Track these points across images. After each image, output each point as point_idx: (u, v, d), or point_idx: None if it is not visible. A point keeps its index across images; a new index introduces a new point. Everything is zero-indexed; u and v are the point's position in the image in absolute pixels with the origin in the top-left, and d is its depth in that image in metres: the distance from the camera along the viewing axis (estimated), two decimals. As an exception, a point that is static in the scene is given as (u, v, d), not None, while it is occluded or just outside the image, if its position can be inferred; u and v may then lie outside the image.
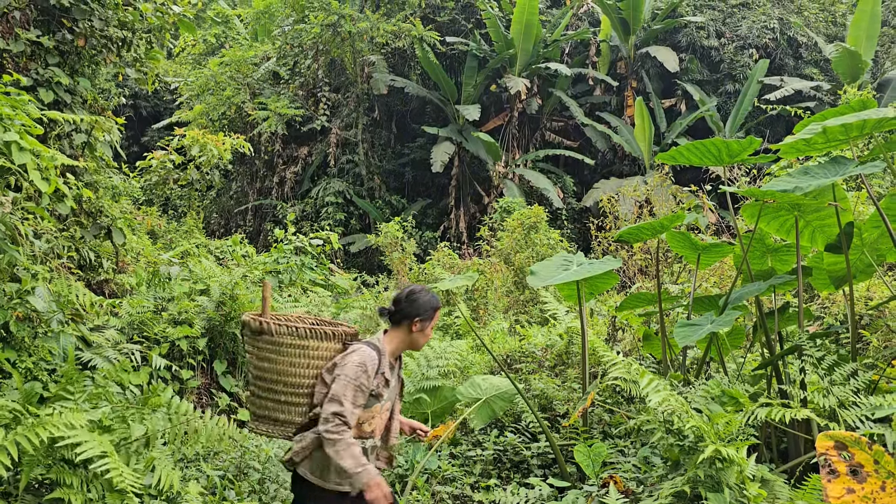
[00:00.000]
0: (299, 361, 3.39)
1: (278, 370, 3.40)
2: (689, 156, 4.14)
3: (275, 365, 3.40)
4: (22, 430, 3.18)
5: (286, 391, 3.40)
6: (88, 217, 6.33)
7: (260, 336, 3.38)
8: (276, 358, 3.39)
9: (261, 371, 3.44)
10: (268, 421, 3.45)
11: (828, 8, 21.45)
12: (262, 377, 3.43)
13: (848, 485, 2.62)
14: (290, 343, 3.38)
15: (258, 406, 3.47)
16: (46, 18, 6.20)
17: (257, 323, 3.37)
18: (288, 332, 3.37)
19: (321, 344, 3.42)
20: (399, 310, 3.45)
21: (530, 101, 19.60)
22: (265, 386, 3.44)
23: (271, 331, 3.36)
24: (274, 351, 3.39)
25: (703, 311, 4.75)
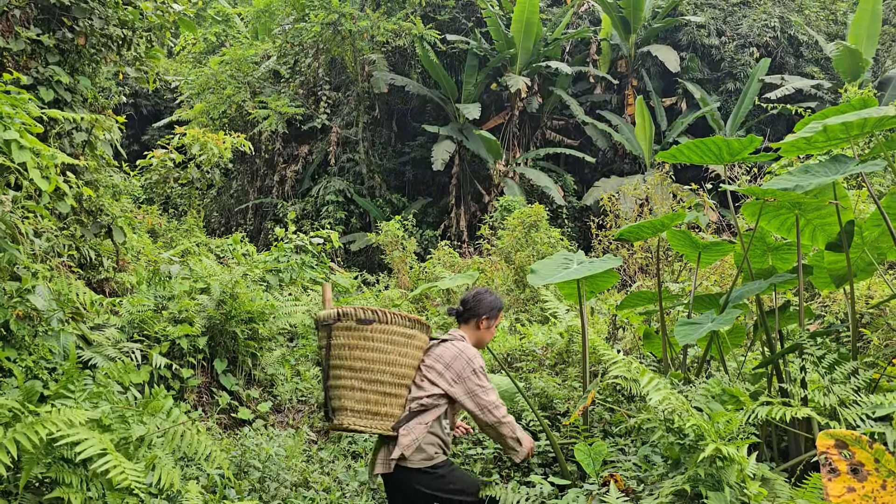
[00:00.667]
0: (406, 351, 3.50)
1: (389, 360, 3.46)
2: (689, 154, 4.13)
3: (385, 355, 3.45)
4: (21, 428, 3.18)
5: (393, 382, 3.47)
6: (89, 216, 6.33)
7: (369, 325, 3.41)
8: (387, 347, 3.45)
9: (367, 362, 3.44)
10: (368, 415, 3.47)
11: (828, 6, 21.43)
12: (369, 368, 3.45)
13: (848, 483, 2.61)
14: (401, 332, 3.48)
15: (358, 400, 3.46)
16: (47, 17, 6.20)
17: (368, 311, 3.43)
18: (400, 322, 3.46)
19: (421, 335, 3.59)
20: (467, 309, 3.82)
21: (531, 100, 19.59)
22: (370, 378, 3.45)
23: (386, 319, 3.43)
24: (386, 340, 3.45)
25: (704, 309, 4.75)
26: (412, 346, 3.53)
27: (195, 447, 3.72)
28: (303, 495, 4.98)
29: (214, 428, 5.75)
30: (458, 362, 3.56)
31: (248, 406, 6.41)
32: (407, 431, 3.43)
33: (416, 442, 3.42)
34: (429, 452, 3.48)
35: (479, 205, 19.54)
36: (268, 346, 7.04)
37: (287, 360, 7.28)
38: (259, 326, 6.66)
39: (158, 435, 3.77)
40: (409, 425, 3.45)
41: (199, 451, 3.70)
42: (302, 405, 6.83)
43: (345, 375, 3.51)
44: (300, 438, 5.77)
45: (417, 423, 3.45)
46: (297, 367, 7.32)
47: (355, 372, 3.47)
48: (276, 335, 7.26)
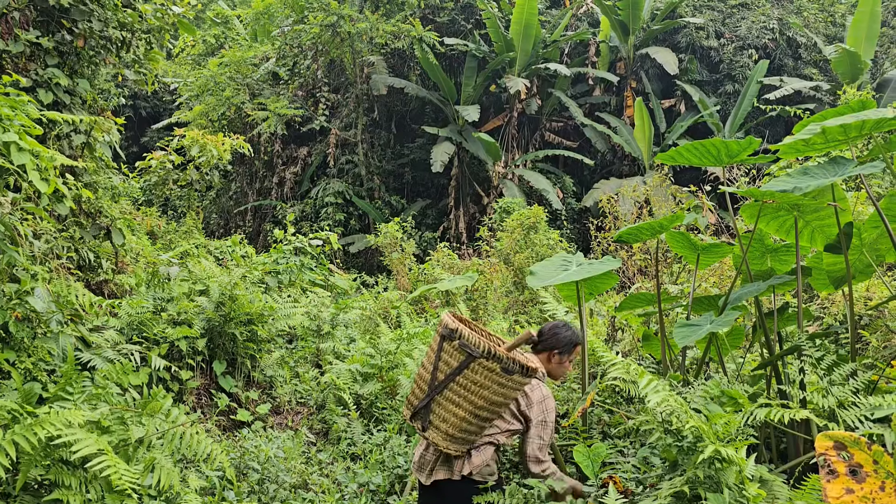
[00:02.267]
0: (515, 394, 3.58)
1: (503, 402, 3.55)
2: (688, 156, 4.13)
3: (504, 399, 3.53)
4: (20, 430, 3.18)
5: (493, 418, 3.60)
6: (88, 217, 6.32)
7: (511, 375, 3.48)
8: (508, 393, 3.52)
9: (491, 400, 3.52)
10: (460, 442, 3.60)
11: (827, 8, 21.45)
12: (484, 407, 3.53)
13: (847, 485, 2.61)
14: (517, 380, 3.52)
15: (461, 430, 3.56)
16: (46, 19, 6.20)
17: (517, 365, 3.46)
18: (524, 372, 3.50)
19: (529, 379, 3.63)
20: (542, 341, 3.92)
21: (530, 102, 19.61)
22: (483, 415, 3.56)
23: (528, 373, 3.50)
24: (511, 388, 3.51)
25: (703, 311, 4.75)
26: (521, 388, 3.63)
27: (194, 448, 3.72)
28: (302, 497, 4.98)
29: (213, 430, 5.75)
30: (538, 408, 3.71)
31: (247, 408, 6.41)
32: (478, 452, 3.64)
33: (485, 462, 3.65)
34: (493, 468, 3.72)
35: (478, 206, 19.55)
36: (267, 347, 7.04)
37: (286, 362, 7.28)
38: (258, 328, 6.65)
39: (157, 436, 3.77)
40: (482, 448, 3.66)
41: (198, 453, 3.71)
42: (301, 407, 6.83)
43: (463, 405, 3.54)
44: (299, 440, 5.77)
45: (488, 448, 3.67)
46: (296, 369, 7.32)
47: (474, 407, 3.52)
48: (275, 337, 7.26)
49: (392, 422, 6.21)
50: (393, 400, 6.65)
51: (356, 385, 6.75)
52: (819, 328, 5.66)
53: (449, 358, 3.49)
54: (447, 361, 3.50)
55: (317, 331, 7.96)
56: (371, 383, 6.72)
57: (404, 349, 7.07)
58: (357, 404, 6.69)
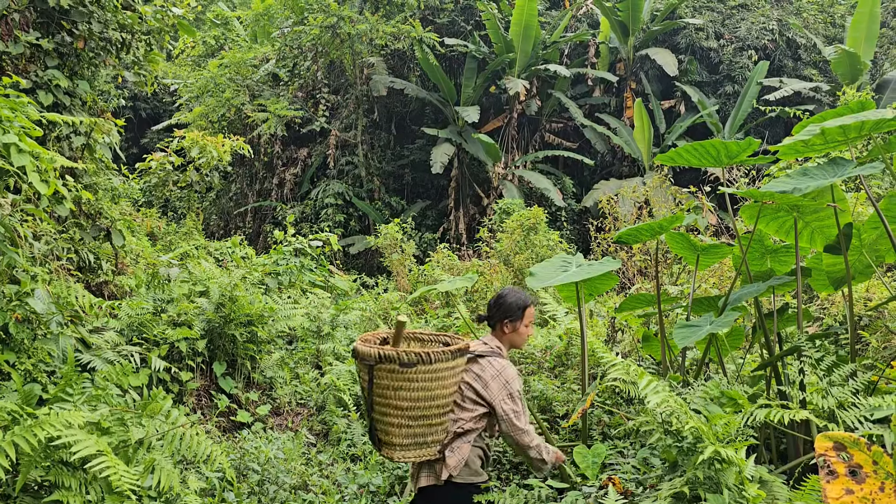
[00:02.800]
0: (450, 381, 3.51)
1: (433, 395, 3.46)
2: (687, 157, 4.13)
3: (430, 392, 3.45)
4: (20, 431, 3.18)
5: (437, 413, 3.51)
6: (88, 219, 6.33)
7: (413, 367, 3.40)
8: (431, 385, 3.45)
9: (413, 400, 3.45)
10: (416, 447, 3.53)
11: (826, 9, 21.46)
12: (415, 406, 3.47)
13: (846, 485, 2.62)
14: (443, 367, 3.46)
15: (405, 435, 3.51)
16: (46, 21, 6.21)
17: (411, 355, 3.40)
18: (442, 359, 3.44)
19: (461, 361, 3.57)
20: (491, 315, 3.77)
21: (529, 103, 19.61)
22: (418, 414, 3.48)
23: (428, 359, 3.41)
24: (430, 378, 3.44)
25: (703, 312, 4.75)
26: (455, 373, 3.54)
27: (194, 449, 3.72)
28: (302, 498, 4.98)
29: (213, 431, 5.75)
30: (496, 383, 3.57)
31: (247, 409, 6.41)
32: (452, 452, 3.51)
33: (463, 461, 3.51)
34: (474, 467, 3.59)
35: (477, 207, 19.55)
36: (267, 348, 7.04)
37: (286, 363, 7.28)
38: (258, 329, 6.65)
39: (157, 438, 3.77)
40: (454, 445, 3.52)
41: (198, 454, 3.71)
42: (301, 408, 6.83)
43: (391, 413, 3.52)
44: (299, 441, 5.77)
45: (462, 443, 3.53)
46: (296, 370, 7.32)
47: (401, 410, 3.48)
48: (275, 338, 7.26)
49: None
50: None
51: (356, 386, 6.75)
52: (819, 329, 5.66)
53: (362, 376, 3.54)
54: (363, 380, 3.54)
55: (317, 332, 7.96)
56: (371, 384, 6.71)
57: (404, 350, 7.06)
58: (357, 405, 6.69)
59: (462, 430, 3.54)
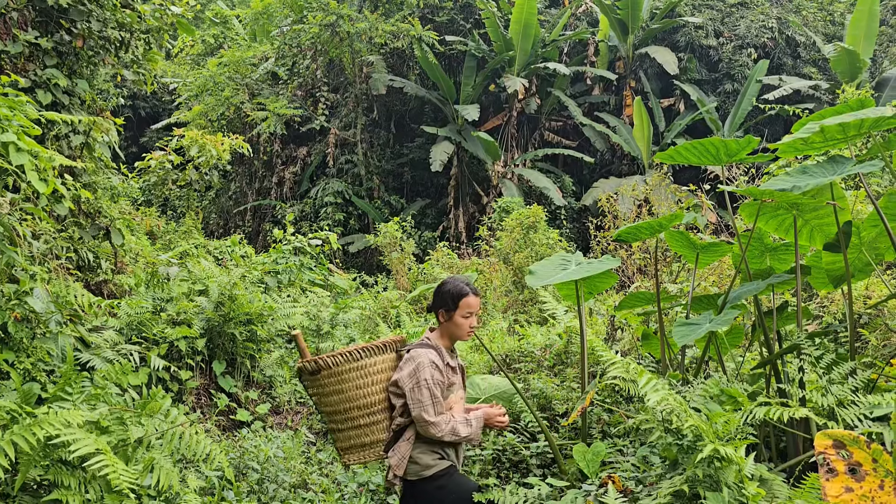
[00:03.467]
0: (363, 382, 3.53)
1: (348, 397, 3.52)
2: (687, 155, 4.13)
3: (343, 394, 3.52)
4: (19, 430, 3.18)
5: (362, 414, 3.54)
6: (87, 218, 6.32)
7: (319, 374, 3.52)
8: (342, 387, 3.52)
9: (333, 405, 3.56)
10: (356, 449, 3.60)
11: (826, 7, 21.45)
12: (337, 410, 3.56)
13: (846, 483, 2.62)
14: (348, 368, 3.51)
15: (342, 440, 3.61)
16: (44, 19, 6.20)
17: (312, 363, 3.50)
18: (343, 360, 3.50)
19: (377, 359, 3.57)
20: (432, 304, 3.67)
21: (529, 101, 19.60)
22: (342, 418, 3.56)
23: (328, 364, 3.50)
24: (338, 382, 3.51)
25: (702, 310, 4.75)
26: (370, 373, 3.54)
27: (194, 448, 3.72)
28: (301, 497, 4.98)
29: (213, 430, 5.75)
30: (406, 368, 3.47)
31: (247, 408, 6.41)
32: (393, 452, 3.48)
33: (404, 460, 3.44)
34: (423, 462, 3.46)
35: (477, 206, 19.55)
36: (266, 347, 7.03)
37: (285, 362, 7.28)
38: (257, 328, 6.65)
39: (157, 437, 3.77)
40: (396, 445, 3.49)
41: (197, 453, 3.71)
42: (301, 407, 6.83)
43: (325, 420, 3.70)
44: (299, 440, 5.76)
45: (402, 442, 3.48)
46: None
47: (330, 416, 3.62)
48: (274, 337, 7.26)
49: (392, 421, 6.21)
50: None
51: (356, 385, 6.74)
52: (818, 327, 5.66)
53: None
54: None
55: (316, 330, 7.96)
56: (371, 383, 6.71)
57: (404, 349, 7.06)
58: (357, 404, 6.68)
59: (398, 427, 3.50)
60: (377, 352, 3.56)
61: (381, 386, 3.55)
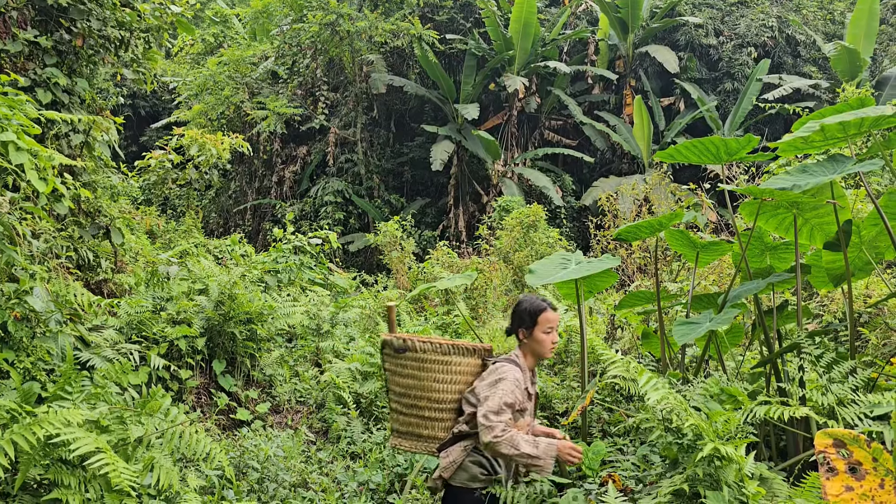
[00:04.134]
0: (443, 377, 3.53)
1: (423, 386, 3.53)
2: (687, 154, 4.13)
3: (419, 381, 3.53)
4: (19, 429, 3.18)
5: (430, 407, 3.54)
6: (87, 217, 6.32)
7: (404, 353, 3.53)
8: (420, 374, 3.53)
9: (405, 388, 3.57)
10: (411, 437, 3.61)
11: (826, 6, 21.44)
12: (407, 394, 3.58)
13: (846, 482, 2.62)
14: (433, 359, 3.51)
15: (401, 423, 3.63)
16: (44, 18, 6.19)
17: (401, 340, 3.53)
18: (432, 349, 3.50)
19: (463, 360, 3.56)
20: (510, 326, 3.63)
21: (529, 100, 19.59)
22: (409, 403, 3.58)
23: (416, 347, 3.51)
24: (418, 367, 3.52)
25: (702, 309, 4.75)
26: (452, 371, 3.53)
27: (194, 447, 3.72)
28: (301, 496, 4.98)
29: (213, 429, 5.75)
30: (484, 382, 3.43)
31: (247, 407, 6.41)
32: (447, 454, 3.46)
33: (454, 464, 3.43)
34: (471, 473, 3.43)
35: (477, 205, 19.54)
36: (266, 346, 7.03)
37: (285, 361, 7.28)
38: (257, 327, 6.65)
39: (157, 436, 3.77)
40: (450, 448, 3.48)
41: (197, 452, 3.71)
42: (301, 406, 6.83)
43: (392, 399, 3.70)
44: (299, 439, 5.77)
45: (457, 447, 3.47)
46: (296, 368, 7.32)
47: (397, 396, 3.63)
48: (274, 336, 7.26)
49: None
50: (392, 399, 6.65)
51: (356, 384, 6.75)
52: (818, 326, 5.66)
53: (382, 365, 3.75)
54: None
55: (316, 330, 7.96)
56: (371, 382, 6.72)
57: (404, 348, 7.06)
58: (357, 403, 6.69)
59: (458, 433, 3.49)
60: (465, 353, 3.55)
61: (457, 387, 3.53)
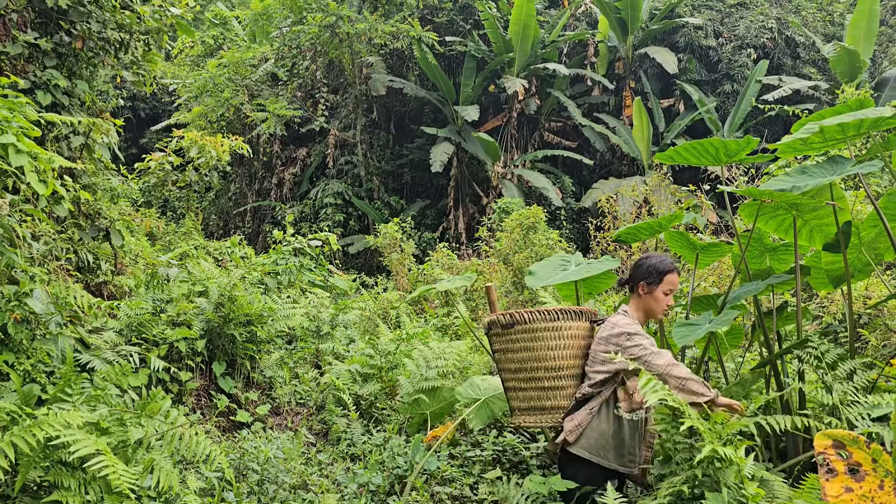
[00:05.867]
0: (556, 343, 3.53)
1: (537, 356, 3.53)
2: (686, 155, 4.13)
3: (533, 353, 3.54)
4: (19, 431, 3.18)
5: (548, 376, 3.53)
6: (87, 219, 6.32)
7: (512, 328, 3.55)
8: (533, 345, 3.54)
9: (519, 363, 3.59)
10: (535, 412, 3.60)
11: (825, 7, 21.46)
12: (522, 368, 3.58)
13: (846, 483, 2.62)
14: (543, 328, 3.52)
15: (522, 399, 3.63)
16: (44, 21, 6.20)
17: (507, 316, 3.56)
18: (540, 318, 3.52)
19: (572, 323, 3.56)
20: (630, 277, 3.63)
21: (529, 102, 19.60)
22: (527, 377, 3.58)
23: (524, 319, 3.53)
24: (530, 339, 3.54)
25: (702, 310, 4.75)
26: (564, 336, 3.52)
27: (193, 449, 3.72)
28: (301, 497, 4.98)
29: (213, 431, 5.74)
30: (612, 332, 3.41)
31: (247, 409, 6.41)
32: (571, 418, 3.43)
33: (580, 427, 3.37)
34: (592, 440, 3.35)
35: (477, 207, 19.54)
36: (266, 348, 7.03)
37: (286, 363, 7.28)
38: (257, 329, 6.65)
39: (157, 438, 3.77)
40: (575, 413, 3.44)
41: (197, 454, 3.70)
42: (301, 408, 6.83)
43: (507, 378, 3.71)
44: (299, 441, 5.76)
45: (582, 410, 3.42)
46: (296, 370, 7.32)
47: (513, 373, 3.64)
48: (274, 338, 7.25)
49: (392, 422, 6.21)
50: (392, 400, 6.65)
51: (356, 386, 6.75)
52: (818, 327, 5.66)
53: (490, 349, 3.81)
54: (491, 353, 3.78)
55: (316, 331, 7.96)
56: (371, 384, 6.72)
57: (404, 350, 7.06)
58: (357, 405, 6.69)
59: (581, 397, 3.45)
60: (573, 317, 3.54)
61: (571, 352, 3.51)
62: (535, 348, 3.54)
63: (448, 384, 6.06)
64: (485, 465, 5.13)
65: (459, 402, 5.69)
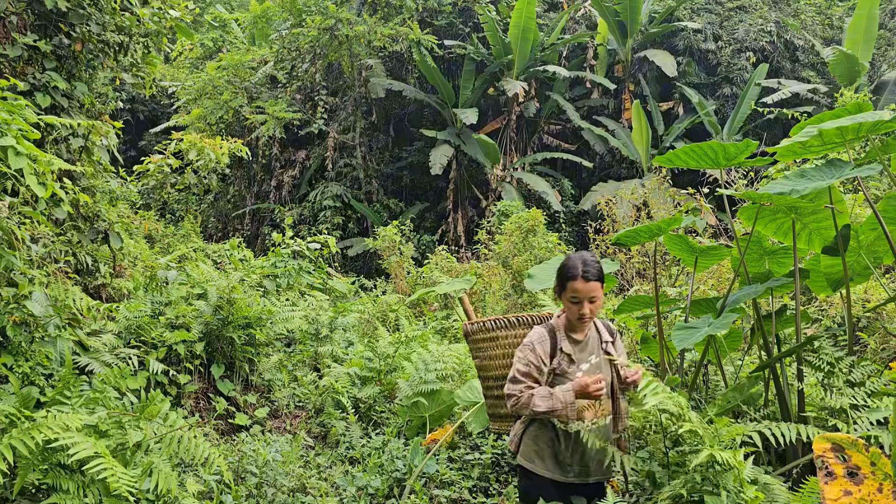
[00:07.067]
0: (494, 353, 3.57)
1: (483, 366, 3.63)
2: (686, 159, 4.13)
3: (481, 362, 3.64)
4: (17, 434, 3.17)
5: (495, 385, 3.56)
6: (86, 221, 6.32)
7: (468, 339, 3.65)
8: (480, 355, 3.63)
9: (478, 371, 3.70)
10: (496, 419, 3.68)
11: (824, 11, 21.50)
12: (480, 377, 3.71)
13: (845, 487, 2.61)
14: (482, 339, 3.59)
15: (489, 406, 3.71)
16: (44, 23, 6.20)
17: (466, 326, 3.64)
18: (479, 329, 3.58)
19: (509, 332, 3.53)
20: None
21: (528, 105, 19.61)
22: (484, 385, 3.69)
23: (468, 331, 3.63)
24: (477, 350, 3.63)
25: (701, 313, 4.74)
26: (501, 346, 3.51)
27: (192, 452, 3.72)
28: (300, 500, 4.97)
29: (211, 433, 5.74)
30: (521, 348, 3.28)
31: (246, 411, 6.40)
32: (512, 427, 3.42)
33: (516, 436, 3.32)
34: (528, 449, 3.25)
35: (476, 209, 19.55)
36: (265, 351, 7.03)
37: (284, 366, 7.27)
38: (256, 332, 6.65)
39: (155, 440, 3.77)
40: (516, 422, 3.41)
41: (196, 457, 3.70)
42: (299, 410, 6.82)
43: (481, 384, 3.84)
44: (297, 444, 5.76)
45: (517, 420, 3.39)
46: (295, 373, 7.31)
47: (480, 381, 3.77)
48: (273, 340, 7.25)
49: (391, 425, 6.21)
50: (391, 403, 6.64)
51: (355, 388, 6.75)
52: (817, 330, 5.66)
53: None
54: None
55: (315, 334, 7.96)
56: (369, 387, 6.72)
57: (403, 352, 7.06)
58: (355, 408, 6.68)
59: None
60: (509, 326, 3.46)
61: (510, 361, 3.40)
62: (482, 358, 3.62)
63: (447, 387, 6.06)
64: (483, 468, 5.13)
65: (458, 405, 5.69)
